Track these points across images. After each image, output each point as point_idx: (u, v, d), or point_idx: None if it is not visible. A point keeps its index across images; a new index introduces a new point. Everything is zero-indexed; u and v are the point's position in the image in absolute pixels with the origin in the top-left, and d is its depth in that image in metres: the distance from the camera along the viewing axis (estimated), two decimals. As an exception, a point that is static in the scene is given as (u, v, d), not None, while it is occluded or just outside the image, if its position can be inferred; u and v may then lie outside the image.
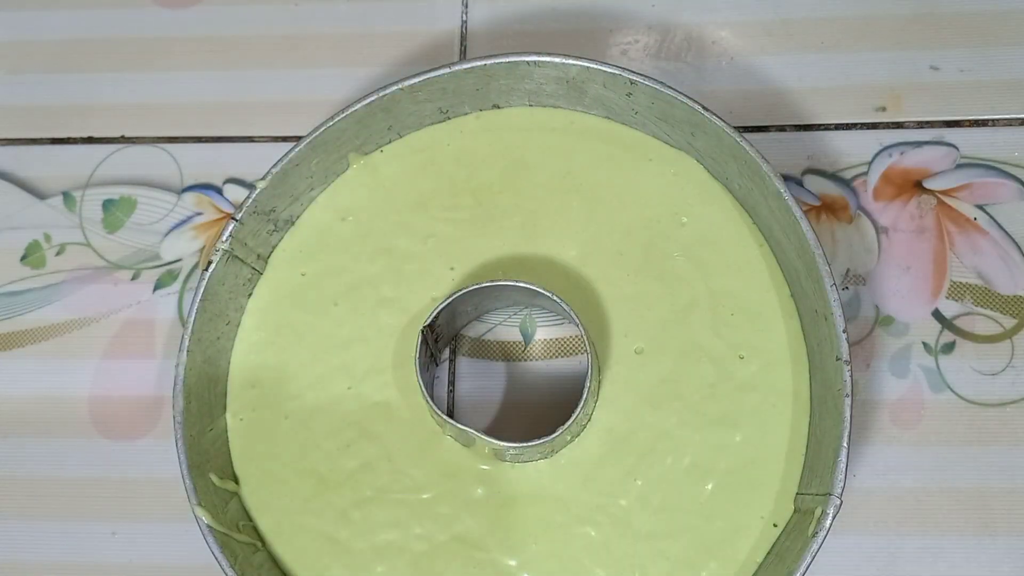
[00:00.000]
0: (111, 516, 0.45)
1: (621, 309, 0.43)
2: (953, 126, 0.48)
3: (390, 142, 0.46)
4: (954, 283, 0.46)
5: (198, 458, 0.40)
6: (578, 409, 0.39)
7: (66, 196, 0.50)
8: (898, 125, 0.48)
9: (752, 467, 0.40)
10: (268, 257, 0.45)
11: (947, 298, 0.46)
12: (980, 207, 0.47)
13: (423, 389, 0.40)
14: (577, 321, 0.40)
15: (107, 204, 0.50)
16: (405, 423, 0.42)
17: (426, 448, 0.42)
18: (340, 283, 0.44)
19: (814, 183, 0.48)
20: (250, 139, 0.50)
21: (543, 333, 0.46)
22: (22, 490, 0.46)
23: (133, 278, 0.48)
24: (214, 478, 0.41)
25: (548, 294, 0.40)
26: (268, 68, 0.52)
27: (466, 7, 0.52)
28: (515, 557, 0.40)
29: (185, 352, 0.41)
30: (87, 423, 0.46)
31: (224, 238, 0.42)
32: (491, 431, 0.43)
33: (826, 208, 0.47)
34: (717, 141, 0.42)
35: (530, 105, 0.46)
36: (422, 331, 0.40)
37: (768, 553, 0.39)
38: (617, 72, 0.42)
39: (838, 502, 0.37)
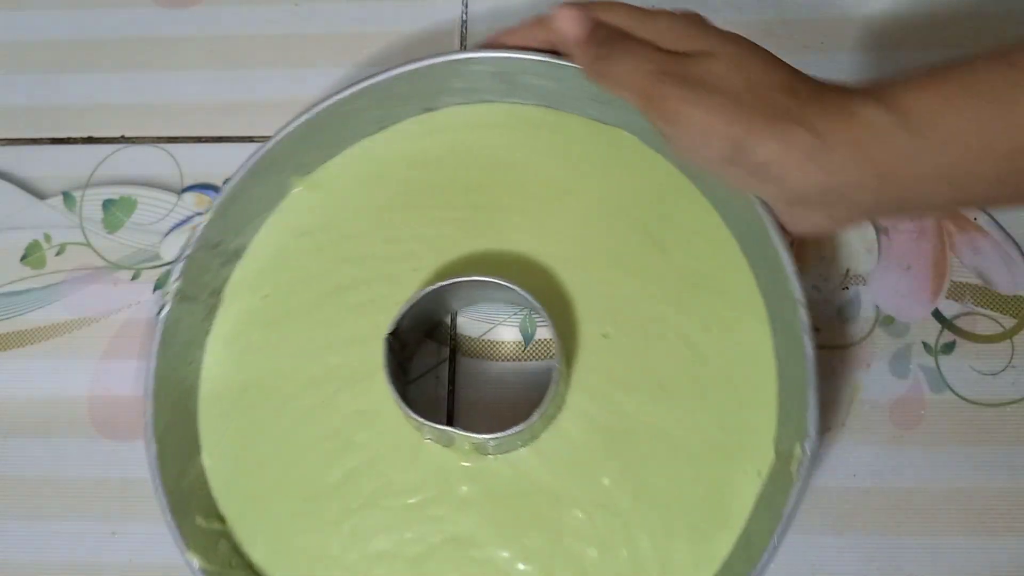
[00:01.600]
0: (111, 516, 0.45)
1: (584, 295, 0.43)
2: (953, 126, 0.48)
3: (331, 158, 0.46)
4: (954, 283, 0.46)
5: (180, 503, 0.40)
6: (549, 392, 0.39)
7: (66, 196, 0.50)
8: (898, 125, 0.48)
9: (727, 429, 0.41)
10: (221, 291, 0.45)
11: (947, 298, 0.46)
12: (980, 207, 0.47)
13: (395, 396, 0.40)
14: (538, 307, 0.40)
15: (107, 204, 0.50)
16: (386, 429, 0.42)
17: (409, 452, 0.42)
18: (305, 298, 0.44)
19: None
20: (250, 139, 0.50)
21: (543, 333, 0.46)
22: (22, 490, 0.46)
23: (133, 278, 0.48)
24: (200, 520, 0.41)
25: (509, 285, 0.40)
26: (268, 68, 0.52)
27: (466, 7, 0.52)
28: (508, 549, 0.40)
29: (151, 399, 0.40)
30: (87, 423, 0.46)
31: (175, 277, 0.42)
32: (492, 431, 0.43)
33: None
34: None
35: (466, 103, 0.46)
36: (387, 339, 0.40)
37: (756, 502, 0.40)
38: (545, 59, 0.41)
39: (815, 439, 0.37)
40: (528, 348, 0.46)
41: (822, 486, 0.43)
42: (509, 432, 0.39)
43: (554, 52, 0.41)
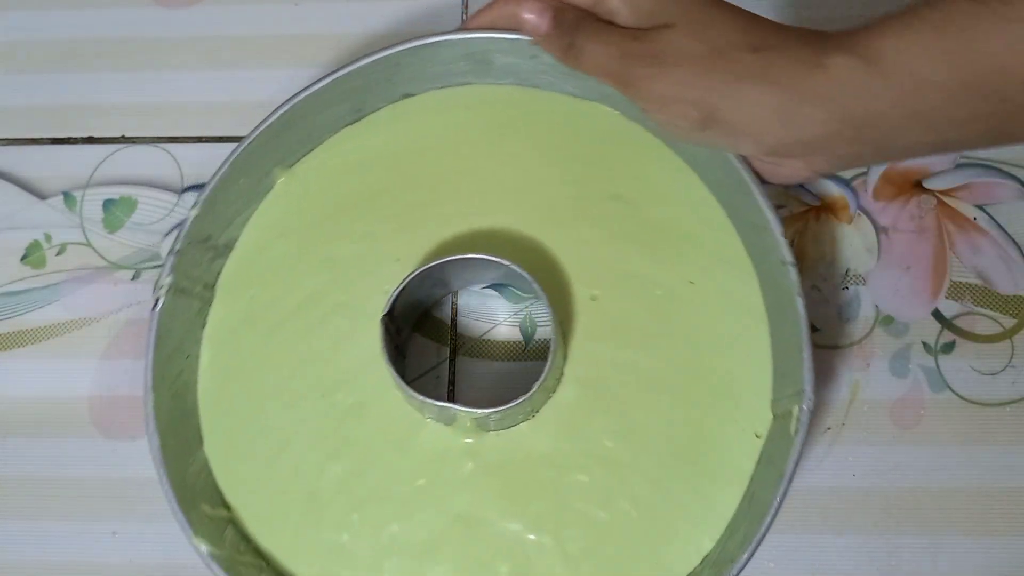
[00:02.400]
0: (111, 516, 0.45)
1: (571, 262, 0.44)
2: (953, 126, 0.48)
3: (311, 150, 0.46)
4: (954, 283, 0.46)
5: (186, 492, 0.40)
6: (548, 364, 0.39)
7: (66, 196, 0.50)
8: (898, 125, 0.48)
9: (722, 384, 0.41)
10: (214, 285, 0.45)
11: (947, 298, 0.46)
12: (980, 207, 0.47)
13: (395, 376, 0.40)
14: (527, 277, 0.40)
15: (107, 204, 0.50)
16: (383, 419, 0.42)
17: (408, 437, 0.42)
18: (290, 300, 0.44)
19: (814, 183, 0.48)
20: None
21: (543, 333, 0.46)
22: (22, 490, 0.46)
23: (133, 278, 0.48)
24: (206, 508, 0.41)
25: (496, 259, 0.41)
26: (268, 68, 0.52)
27: (466, 7, 0.52)
28: (517, 521, 0.41)
29: (151, 391, 0.40)
30: (87, 423, 0.46)
31: (167, 272, 0.42)
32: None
33: (826, 208, 0.47)
34: None
35: (441, 87, 0.46)
36: (383, 321, 0.40)
37: (757, 462, 0.40)
38: (518, 37, 0.41)
39: (811, 397, 0.38)
40: (528, 348, 0.46)
41: (822, 486, 0.43)
42: (510, 405, 0.39)
43: None
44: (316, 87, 0.43)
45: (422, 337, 0.46)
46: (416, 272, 0.41)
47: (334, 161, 0.46)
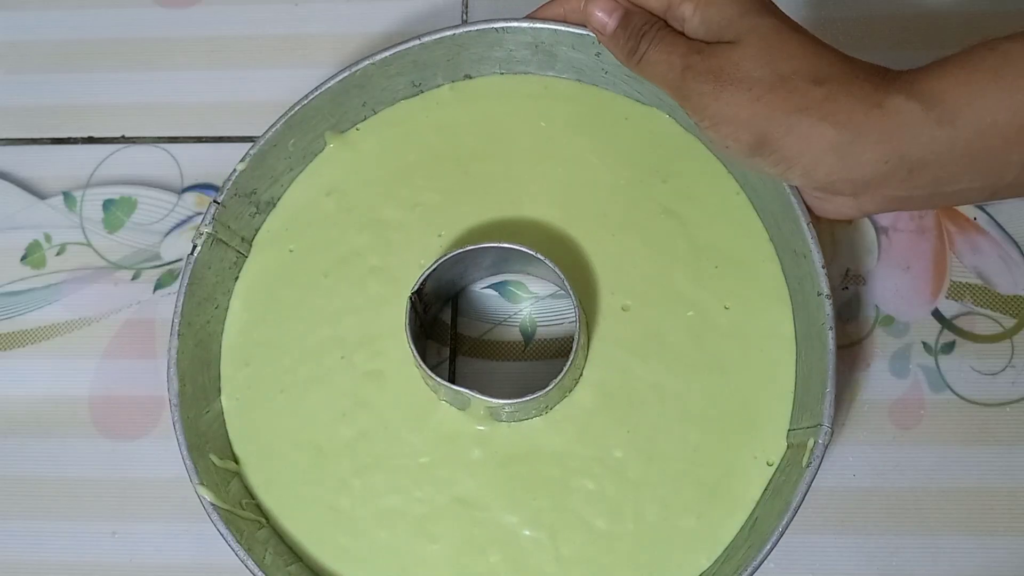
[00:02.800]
0: (111, 516, 0.45)
1: (607, 268, 0.43)
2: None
3: (365, 119, 0.46)
4: (954, 283, 0.46)
5: (197, 440, 0.41)
6: (568, 362, 0.39)
7: (66, 196, 0.50)
8: (898, 125, 0.48)
9: (742, 410, 0.41)
10: (252, 240, 0.45)
11: (947, 298, 0.46)
12: (980, 207, 0.47)
13: (416, 355, 0.40)
14: (562, 277, 0.40)
15: (107, 204, 0.50)
16: (400, 390, 0.43)
17: (422, 414, 0.42)
18: (328, 256, 0.45)
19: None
20: (250, 139, 0.50)
21: (543, 333, 0.46)
22: (22, 490, 0.46)
23: (133, 278, 0.48)
24: (214, 459, 0.41)
25: (533, 253, 0.41)
26: (268, 68, 0.52)
27: (465, 7, 0.52)
28: (516, 514, 0.41)
29: (176, 336, 0.41)
30: (87, 423, 0.46)
31: (207, 221, 0.42)
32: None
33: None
34: None
35: (502, 73, 0.46)
36: (410, 298, 0.40)
37: (764, 490, 0.40)
38: (584, 32, 0.42)
39: (828, 430, 0.37)
40: (528, 348, 0.46)
41: (822, 486, 0.43)
42: (524, 399, 0.39)
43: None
44: (380, 56, 0.43)
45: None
46: (450, 255, 0.41)
47: (388, 131, 0.46)
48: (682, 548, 0.40)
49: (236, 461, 0.42)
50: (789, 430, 0.41)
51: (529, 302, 0.46)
